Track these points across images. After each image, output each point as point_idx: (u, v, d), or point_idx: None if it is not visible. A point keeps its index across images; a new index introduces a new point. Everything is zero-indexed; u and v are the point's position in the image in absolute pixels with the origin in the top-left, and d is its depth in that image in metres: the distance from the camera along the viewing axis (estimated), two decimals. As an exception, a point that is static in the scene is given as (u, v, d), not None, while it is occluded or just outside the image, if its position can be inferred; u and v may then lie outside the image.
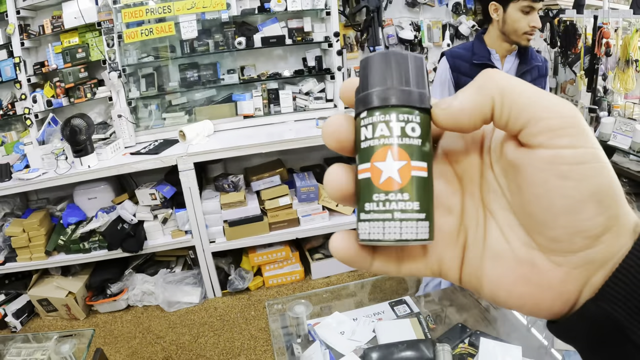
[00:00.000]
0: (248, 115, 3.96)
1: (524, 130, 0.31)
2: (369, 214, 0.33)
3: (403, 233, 0.32)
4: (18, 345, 1.92)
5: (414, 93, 0.33)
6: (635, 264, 0.30)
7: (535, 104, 0.31)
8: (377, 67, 0.33)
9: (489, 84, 0.32)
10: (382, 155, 0.32)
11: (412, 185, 0.32)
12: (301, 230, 3.70)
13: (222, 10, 3.67)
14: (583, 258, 0.31)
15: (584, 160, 0.30)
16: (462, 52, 2.39)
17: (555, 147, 0.30)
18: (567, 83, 4.46)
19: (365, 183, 0.33)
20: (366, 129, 0.33)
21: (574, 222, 0.30)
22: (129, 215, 3.52)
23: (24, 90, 3.61)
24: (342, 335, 1.78)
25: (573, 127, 0.30)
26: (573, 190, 0.30)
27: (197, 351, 3.19)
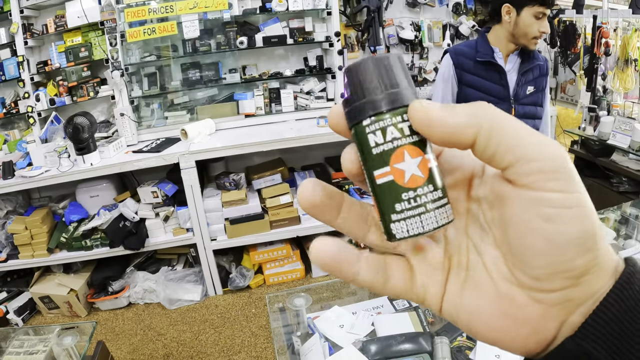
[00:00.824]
0: (249, 114, 3.98)
1: (512, 168, 0.30)
2: (401, 213, 0.33)
3: (438, 220, 0.33)
4: (20, 338, 1.94)
5: (409, 91, 0.34)
6: (616, 302, 0.31)
7: (526, 143, 0.30)
8: (368, 73, 0.34)
9: (483, 112, 0.31)
10: (400, 156, 0.33)
11: (432, 176, 0.33)
12: (302, 229, 3.72)
13: (224, 10, 3.69)
14: (562, 297, 0.32)
15: (570, 205, 0.30)
16: (465, 49, 2.41)
17: (543, 190, 0.30)
18: (567, 83, 4.48)
19: (389, 186, 0.34)
20: (374, 135, 0.33)
21: (555, 264, 0.31)
22: (130, 213, 3.54)
23: (27, 89, 3.64)
24: (342, 329, 1.79)
25: (563, 171, 0.30)
26: (556, 234, 0.30)
27: (198, 348, 3.20)
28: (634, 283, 0.31)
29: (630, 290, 0.31)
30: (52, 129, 3.71)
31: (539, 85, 2.41)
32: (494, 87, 2.37)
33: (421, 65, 4.32)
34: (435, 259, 0.37)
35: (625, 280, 0.31)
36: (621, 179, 3.66)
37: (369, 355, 1.59)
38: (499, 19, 2.31)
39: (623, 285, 0.31)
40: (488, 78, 2.36)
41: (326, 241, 0.36)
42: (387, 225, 0.34)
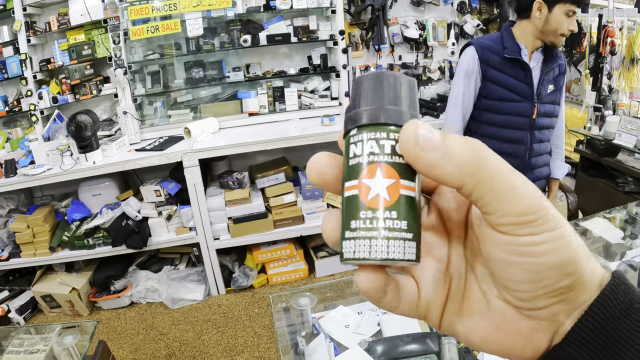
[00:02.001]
0: (253, 112, 3.97)
1: (489, 216, 0.32)
2: (354, 232, 0.32)
3: (390, 252, 0.31)
4: (21, 337, 1.92)
5: (405, 113, 0.33)
6: (600, 311, 0.33)
7: (505, 199, 0.31)
8: (370, 86, 0.33)
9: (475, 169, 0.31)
10: (371, 173, 0.32)
11: (400, 204, 0.32)
12: (306, 228, 3.70)
13: (227, 7, 3.67)
14: (549, 312, 0.34)
15: (542, 241, 0.31)
16: (491, 44, 2.34)
17: (515, 234, 0.32)
18: (572, 82, 4.45)
19: (352, 200, 0.32)
20: (355, 146, 0.33)
21: (537, 289, 0.33)
22: (133, 212, 3.52)
23: (30, 87, 3.63)
24: (347, 329, 1.77)
25: (536, 220, 0.31)
26: (533, 265, 0.32)
27: (201, 348, 3.19)
28: (618, 294, 0.33)
29: (615, 300, 0.33)
30: (55, 127, 3.70)
31: (559, 83, 2.38)
32: (519, 85, 2.32)
33: (425, 64, 4.30)
34: (439, 276, 0.38)
35: (609, 290, 0.33)
36: (627, 178, 3.63)
37: (375, 356, 1.57)
38: (526, 15, 2.27)
39: (607, 295, 0.33)
40: (513, 75, 2.31)
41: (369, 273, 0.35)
42: (341, 241, 0.33)
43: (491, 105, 2.37)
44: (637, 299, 0.33)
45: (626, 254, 2.04)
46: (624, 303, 0.33)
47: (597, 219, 2.34)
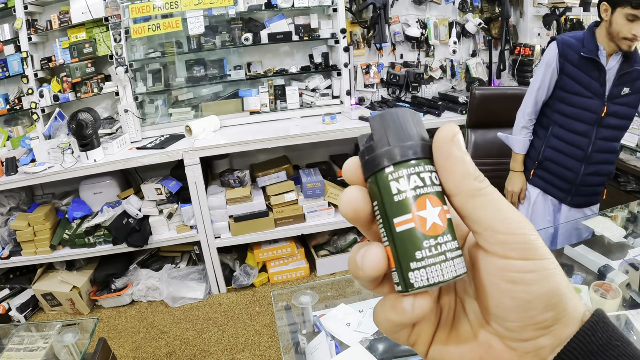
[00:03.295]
0: (254, 111, 3.96)
1: (480, 235, 0.35)
2: (422, 262, 0.34)
3: (457, 269, 0.34)
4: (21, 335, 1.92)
5: (429, 146, 0.35)
6: (578, 347, 0.34)
7: (494, 219, 0.34)
8: (396, 123, 0.35)
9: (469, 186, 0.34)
10: (422, 204, 0.34)
11: (450, 227, 0.35)
12: (307, 227, 3.70)
13: (229, 6, 3.67)
14: (534, 345, 0.35)
15: (532, 270, 0.33)
16: (573, 41, 2.41)
17: (507, 258, 0.34)
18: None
19: (411, 234, 0.34)
20: (398, 182, 0.34)
21: (525, 318, 0.34)
22: (134, 210, 3.52)
23: (31, 85, 3.62)
24: (349, 327, 1.77)
25: (525, 243, 0.33)
26: (522, 294, 0.33)
27: (201, 347, 3.18)
28: (597, 330, 0.35)
29: (594, 336, 0.34)
30: (56, 125, 3.70)
31: (637, 87, 2.38)
32: (592, 83, 2.38)
33: (427, 63, 4.29)
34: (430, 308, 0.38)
35: (588, 327, 0.35)
36: (629, 178, 3.63)
37: (377, 354, 1.57)
38: (601, 17, 2.32)
39: (586, 332, 0.34)
40: (588, 73, 2.38)
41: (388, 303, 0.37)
42: (406, 274, 0.35)
43: (564, 97, 2.49)
44: (616, 337, 0.35)
45: (628, 253, 2.03)
46: (603, 340, 0.34)
47: (599, 217, 2.34)
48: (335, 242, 3.88)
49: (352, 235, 3.86)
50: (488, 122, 3.39)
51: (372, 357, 1.54)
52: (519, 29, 4.46)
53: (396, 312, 0.36)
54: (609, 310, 1.61)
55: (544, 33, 4.32)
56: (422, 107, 3.90)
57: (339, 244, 3.85)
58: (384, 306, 0.37)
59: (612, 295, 1.62)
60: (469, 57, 4.38)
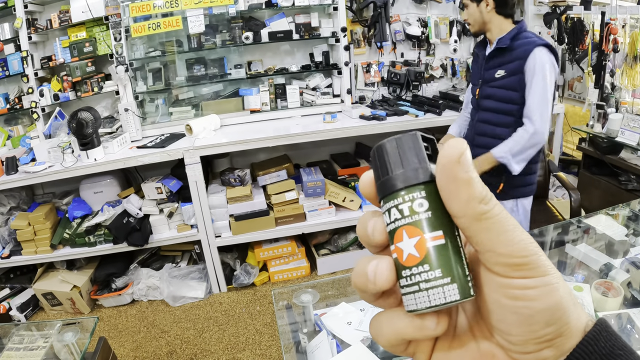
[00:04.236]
0: (255, 110, 3.96)
1: (483, 255, 0.34)
2: (403, 289, 0.36)
3: (431, 300, 0.35)
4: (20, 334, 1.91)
5: (411, 172, 0.35)
6: (580, 356, 0.34)
7: (498, 240, 0.33)
8: (381, 156, 0.37)
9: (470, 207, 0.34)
10: (399, 236, 0.35)
11: (430, 255, 0.35)
12: (307, 225, 3.69)
13: (229, 4, 3.66)
14: (537, 356, 0.35)
15: (534, 286, 0.33)
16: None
17: (508, 277, 0.34)
18: (575, 80, 4.44)
19: (396, 263, 0.36)
20: (385, 215, 0.37)
21: (527, 332, 0.34)
22: (134, 209, 3.52)
23: (31, 84, 3.62)
24: (349, 326, 1.76)
25: (527, 264, 0.33)
26: (524, 309, 0.33)
27: (202, 346, 3.18)
28: (599, 340, 0.34)
29: (596, 346, 0.34)
30: (56, 124, 3.69)
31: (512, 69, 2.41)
32: (475, 69, 2.66)
33: (427, 61, 4.29)
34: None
35: (591, 337, 0.35)
36: (629, 176, 3.62)
37: (378, 352, 1.56)
38: None
39: (589, 342, 0.34)
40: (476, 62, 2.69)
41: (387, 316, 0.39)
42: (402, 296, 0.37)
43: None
44: (619, 346, 0.35)
45: (629, 251, 2.03)
46: (606, 349, 0.34)
47: (600, 216, 2.33)
48: (336, 241, 3.87)
49: (352, 234, 3.86)
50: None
51: (373, 356, 1.54)
52: (519, 27, 4.44)
53: (414, 328, 0.37)
54: (610, 308, 1.60)
55: (545, 31, 4.31)
56: (422, 106, 3.90)
57: (340, 243, 3.85)
58: (395, 319, 0.38)
59: (613, 293, 1.62)
60: (470, 56, 4.37)
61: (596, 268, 1.91)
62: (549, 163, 3.44)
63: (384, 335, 0.38)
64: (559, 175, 3.31)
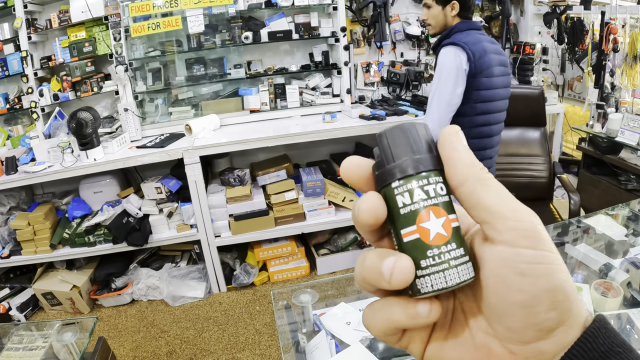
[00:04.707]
0: (254, 109, 3.96)
1: (489, 224, 0.34)
2: (426, 269, 0.36)
3: (461, 276, 0.36)
4: (20, 334, 1.91)
5: (434, 157, 0.37)
6: (579, 354, 0.34)
7: (504, 205, 0.34)
8: (400, 138, 0.37)
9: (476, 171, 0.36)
10: (426, 216, 0.36)
11: (454, 235, 0.36)
12: (307, 225, 3.69)
13: (229, 4, 3.66)
14: (535, 349, 0.34)
15: (541, 261, 0.33)
16: None
17: (516, 246, 0.33)
18: (575, 79, 4.44)
19: (416, 244, 0.36)
20: (403, 196, 0.36)
21: (529, 315, 0.33)
22: (134, 209, 3.52)
23: (31, 84, 3.62)
24: (349, 326, 1.76)
25: (534, 231, 0.34)
26: (529, 286, 0.33)
27: (201, 346, 3.18)
28: (598, 337, 0.34)
29: (595, 343, 0.34)
30: (56, 124, 3.69)
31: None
32: None
33: (427, 61, 4.29)
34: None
35: (590, 334, 0.34)
36: (629, 176, 3.62)
37: (377, 353, 1.56)
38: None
39: (587, 338, 0.34)
40: None
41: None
42: (413, 281, 0.36)
43: None
44: (618, 343, 0.34)
45: (629, 252, 2.03)
46: (605, 346, 0.34)
47: (599, 216, 2.33)
48: (335, 241, 3.87)
49: (352, 234, 3.86)
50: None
51: (372, 356, 1.54)
52: (519, 27, 4.45)
53: (408, 316, 0.36)
54: (609, 308, 1.60)
55: (545, 31, 4.31)
56: (422, 106, 3.89)
57: (339, 243, 3.85)
58: (387, 307, 0.37)
59: (612, 293, 1.62)
60: (469, 56, 4.36)
61: (596, 268, 1.91)
62: (554, 165, 3.44)
63: (377, 324, 0.38)
64: (562, 178, 3.31)
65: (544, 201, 3.40)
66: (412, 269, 0.36)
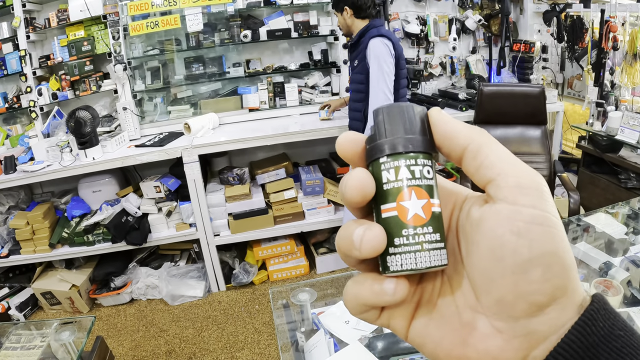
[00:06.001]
0: (253, 108, 3.95)
1: (493, 182, 0.33)
2: (399, 248, 0.35)
3: (432, 260, 0.35)
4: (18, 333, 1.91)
5: (427, 141, 0.37)
6: (577, 339, 0.31)
7: (508, 162, 0.34)
8: (393, 115, 0.37)
9: (478, 131, 0.36)
10: (407, 195, 0.36)
11: (433, 219, 0.36)
12: (306, 224, 3.69)
13: (227, 3, 3.66)
14: (525, 327, 0.32)
15: (540, 222, 0.32)
16: None
17: (516, 204, 0.32)
18: (574, 78, 4.43)
19: (393, 221, 0.36)
20: (388, 172, 0.36)
21: (520, 283, 0.31)
22: (133, 208, 3.51)
23: (30, 83, 3.61)
24: (347, 325, 1.76)
25: (537, 190, 0.32)
26: (524, 248, 0.31)
27: (201, 345, 3.18)
28: (597, 320, 0.32)
29: (594, 327, 0.31)
30: (55, 123, 3.69)
31: (361, 58, 2.94)
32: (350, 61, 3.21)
33: (427, 59, 4.28)
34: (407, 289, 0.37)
35: (588, 317, 0.32)
36: (629, 174, 3.61)
37: (376, 351, 1.56)
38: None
39: (586, 322, 0.31)
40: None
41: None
42: (384, 257, 0.36)
43: None
44: (619, 325, 0.32)
45: (629, 250, 2.02)
46: (604, 329, 0.31)
47: (599, 214, 2.33)
48: (335, 240, 3.86)
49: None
50: (495, 119, 3.42)
51: (371, 355, 1.54)
52: (518, 25, 4.44)
53: (372, 293, 0.35)
54: (609, 307, 1.60)
55: (544, 29, 4.30)
56: (421, 104, 3.88)
57: (339, 242, 3.84)
58: (358, 283, 0.37)
59: (612, 292, 1.61)
60: (469, 54, 4.37)
61: (596, 266, 1.90)
62: (554, 164, 3.44)
63: (348, 300, 0.37)
64: (562, 176, 3.30)
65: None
66: (382, 237, 0.35)
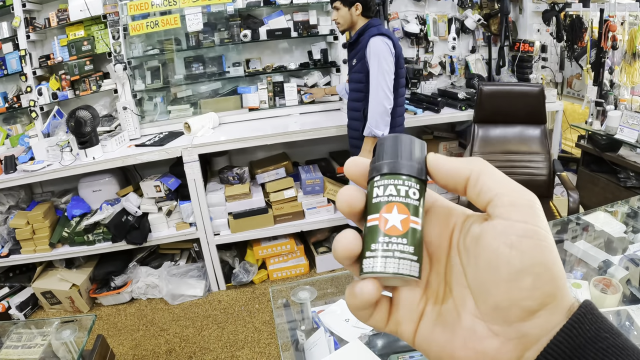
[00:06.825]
0: (253, 107, 3.96)
1: (491, 202, 0.37)
2: (374, 252, 0.39)
3: (400, 268, 0.38)
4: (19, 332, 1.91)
5: (416, 167, 0.41)
6: (565, 340, 0.34)
7: (504, 185, 0.37)
8: (391, 144, 0.42)
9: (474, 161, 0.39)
10: (390, 209, 0.40)
11: (409, 233, 0.39)
12: (306, 223, 3.69)
13: (227, 2, 3.66)
14: (518, 330, 0.35)
15: (531, 236, 0.35)
16: None
17: (510, 219, 0.35)
18: (574, 77, 4.43)
19: (373, 229, 0.40)
20: (378, 189, 0.41)
21: (513, 290, 0.35)
22: (133, 208, 3.51)
23: (30, 83, 3.62)
24: (347, 323, 1.76)
25: (529, 207, 0.36)
26: (516, 259, 0.34)
27: (201, 344, 3.18)
28: (584, 323, 0.34)
29: (580, 329, 0.34)
30: (55, 123, 3.69)
31: (360, 57, 2.94)
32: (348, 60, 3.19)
33: (426, 59, 4.28)
34: (413, 299, 0.41)
35: (575, 320, 0.34)
36: (628, 173, 3.62)
37: (376, 349, 1.56)
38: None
39: (573, 325, 0.34)
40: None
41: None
42: (361, 260, 0.40)
43: None
44: (605, 328, 0.35)
45: (628, 248, 2.03)
46: (591, 332, 0.34)
47: (599, 212, 2.33)
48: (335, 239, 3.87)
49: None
50: (494, 118, 3.43)
51: (371, 353, 1.54)
52: (518, 24, 4.45)
53: (349, 294, 0.40)
54: (609, 305, 1.60)
55: (543, 29, 4.31)
56: (421, 103, 3.90)
57: (339, 241, 3.84)
58: (348, 287, 0.41)
59: (612, 290, 1.62)
60: (468, 53, 4.37)
61: (595, 265, 1.91)
62: (554, 163, 3.44)
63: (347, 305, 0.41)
64: (562, 175, 3.30)
65: (543, 199, 3.39)
66: (352, 239, 0.39)
